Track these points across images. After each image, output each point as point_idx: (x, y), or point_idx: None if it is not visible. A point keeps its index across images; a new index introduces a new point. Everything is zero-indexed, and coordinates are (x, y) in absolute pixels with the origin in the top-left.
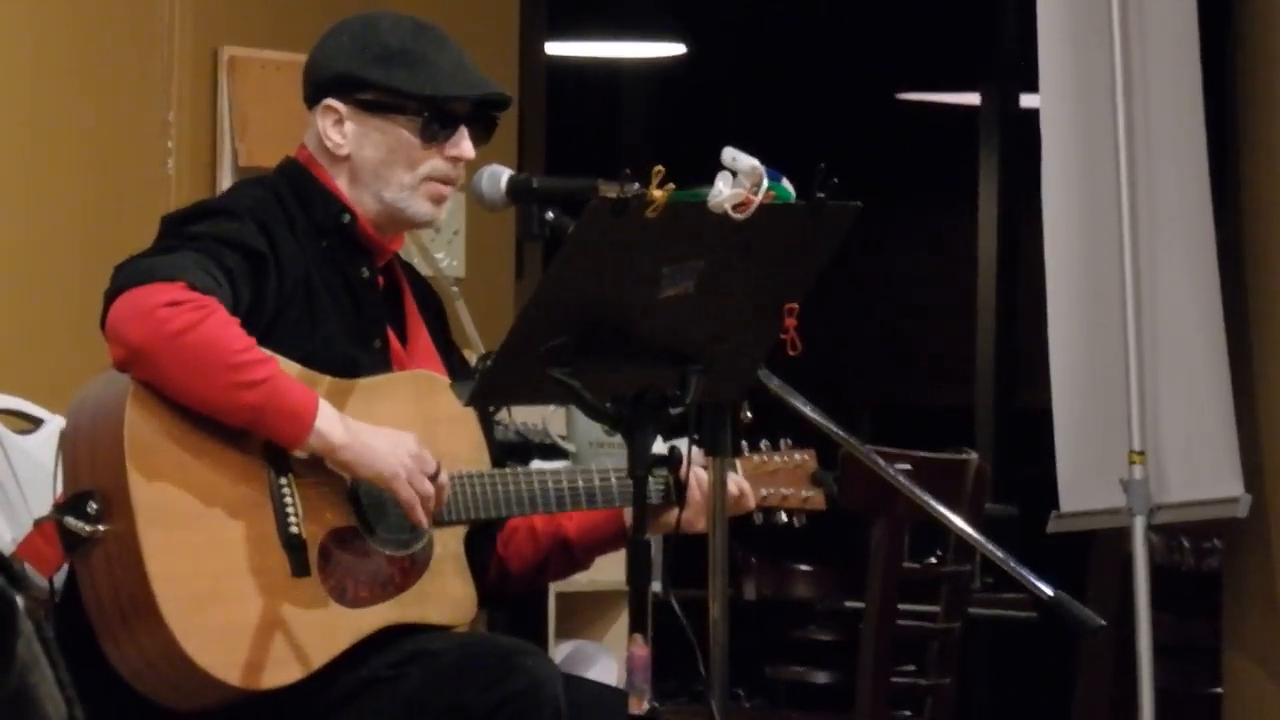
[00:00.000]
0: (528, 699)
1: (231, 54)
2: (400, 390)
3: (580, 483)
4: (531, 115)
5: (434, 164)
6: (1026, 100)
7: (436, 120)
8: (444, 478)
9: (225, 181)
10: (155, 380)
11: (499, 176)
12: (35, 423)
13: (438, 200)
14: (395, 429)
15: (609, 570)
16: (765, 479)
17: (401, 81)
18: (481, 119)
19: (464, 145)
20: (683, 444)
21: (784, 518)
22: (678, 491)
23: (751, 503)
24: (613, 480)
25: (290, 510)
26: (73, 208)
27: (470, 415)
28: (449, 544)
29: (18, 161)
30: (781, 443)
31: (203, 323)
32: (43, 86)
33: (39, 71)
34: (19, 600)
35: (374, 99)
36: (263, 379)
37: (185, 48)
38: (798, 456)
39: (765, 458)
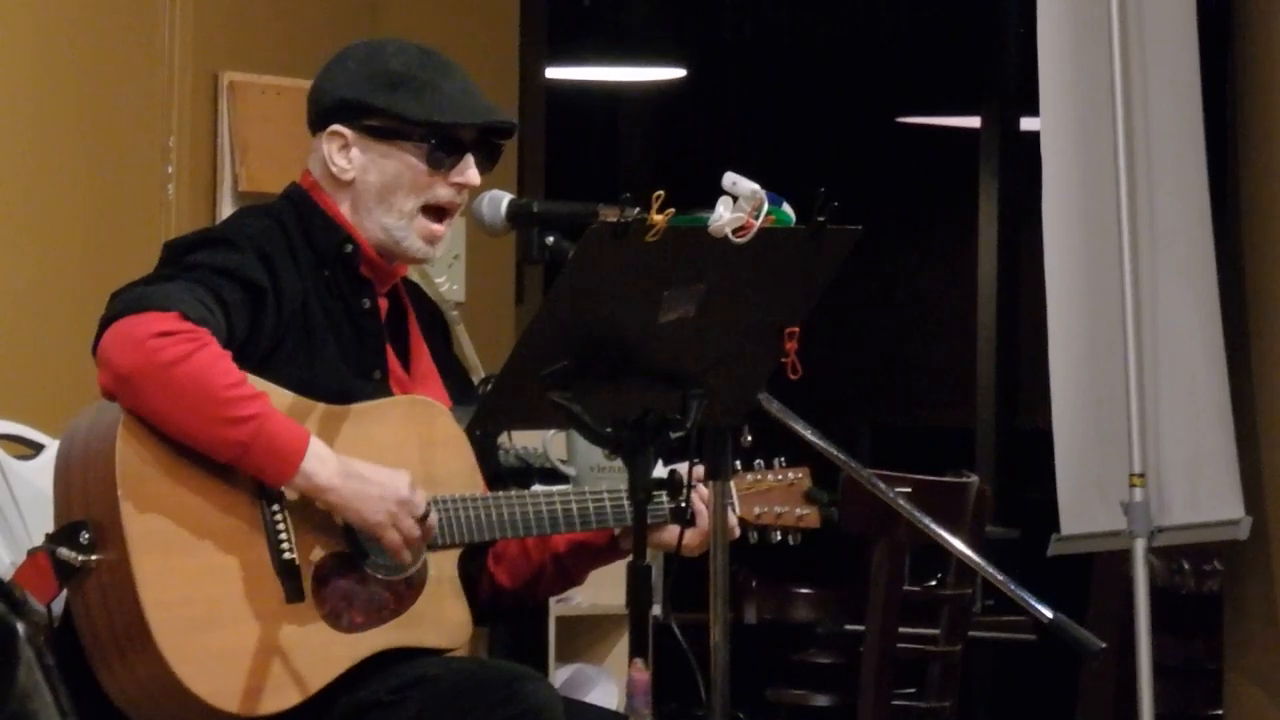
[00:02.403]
0: None
1: (231, 78)
2: (396, 415)
3: (574, 505)
4: (531, 139)
5: (439, 190)
6: (1027, 123)
7: (442, 147)
8: (433, 518)
9: (226, 206)
10: (141, 409)
11: (499, 201)
12: (36, 448)
13: (431, 240)
14: (391, 459)
15: (609, 593)
16: (759, 498)
17: (408, 108)
18: (486, 145)
19: (469, 172)
20: (683, 468)
21: (778, 536)
22: (678, 515)
23: (738, 532)
24: (606, 502)
25: (283, 536)
26: (73, 232)
27: (464, 439)
28: (444, 567)
29: (18, 186)
30: (775, 462)
31: (193, 355)
32: (42, 111)
33: (38, 96)
34: (20, 627)
35: (380, 125)
36: (250, 416)
37: (185, 72)
38: (791, 475)
39: (759, 476)
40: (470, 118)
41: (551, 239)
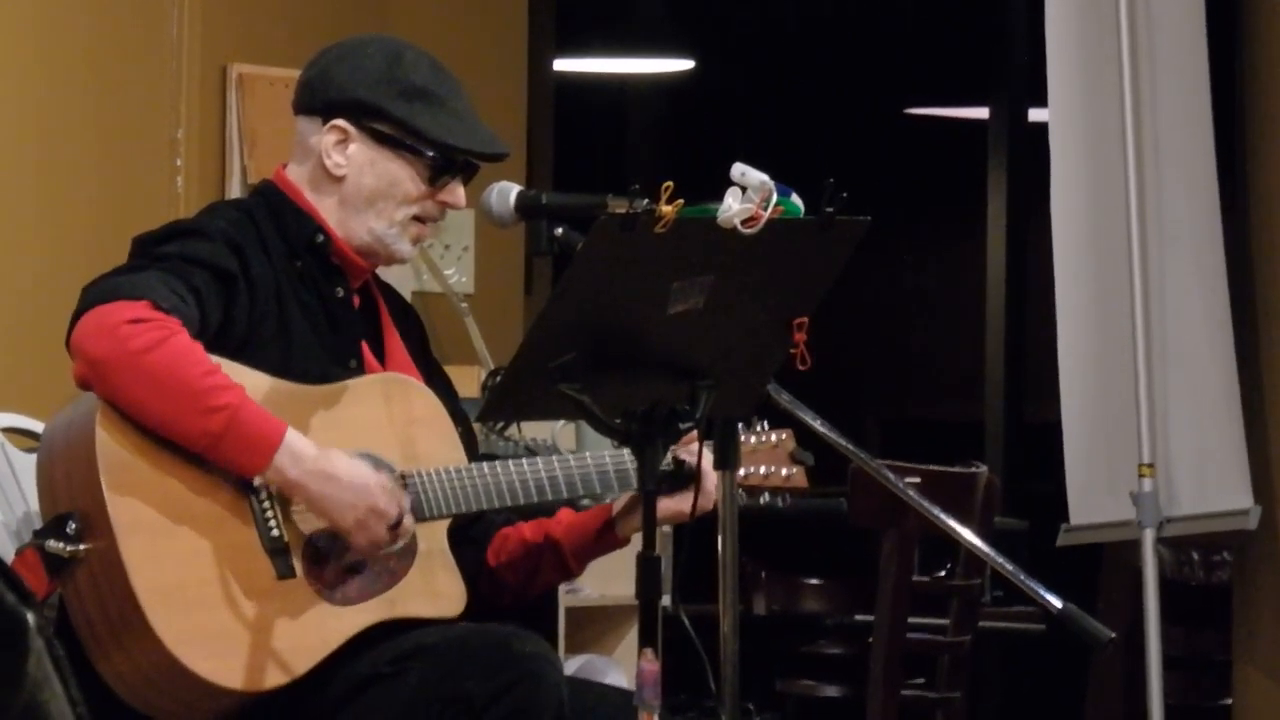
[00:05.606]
0: (529, 684)
1: (240, 71)
2: (371, 394)
3: (559, 471)
4: (540, 131)
5: (426, 206)
6: (1035, 114)
7: (446, 168)
8: (408, 521)
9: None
10: (115, 398)
11: (508, 193)
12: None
13: (418, 241)
14: (370, 437)
15: (619, 584)
16: (745, 459)
17: (424, 123)
18: (471, 167)
19: (458, 194)
20: (691, 457)
21: (767, 497)
22: (677, 472)
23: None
24: (591, 468)
25: (269, 515)
26: (81, 225)
27: (444, 414)
28: (433, 539)
29: (27, 179)
30: (759, 425)
31: (164, 343)
32: (51, 103)
33: (47, 88)
34: (30, 618)
35: (391, 133)
36: (223, 405)
37: (194, 65)
38: (775, 436)
39: (742, 438)
40: (480, 147)
41: (560, 231)
